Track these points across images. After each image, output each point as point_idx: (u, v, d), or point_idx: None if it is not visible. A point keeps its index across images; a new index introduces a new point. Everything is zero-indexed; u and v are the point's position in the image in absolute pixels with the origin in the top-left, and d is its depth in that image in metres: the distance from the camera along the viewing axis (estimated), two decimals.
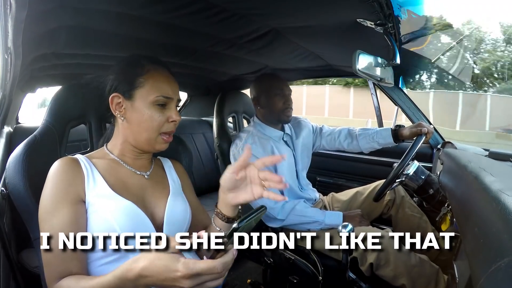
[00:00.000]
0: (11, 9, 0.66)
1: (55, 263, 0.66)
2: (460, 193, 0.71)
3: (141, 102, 0.77)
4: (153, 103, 0.77)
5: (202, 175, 2.38)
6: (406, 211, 1.44)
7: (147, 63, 0.80)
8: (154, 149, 0.82)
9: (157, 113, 0.78)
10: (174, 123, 0.81)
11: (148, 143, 0.80)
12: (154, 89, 0.77)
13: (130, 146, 0.82)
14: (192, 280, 0.52)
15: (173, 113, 0.80)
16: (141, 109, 0.77)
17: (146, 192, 0.81)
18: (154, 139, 0.80)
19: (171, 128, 0.81)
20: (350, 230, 1.03)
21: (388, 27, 0.98)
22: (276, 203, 1.37)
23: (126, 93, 0.78)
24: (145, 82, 0.78)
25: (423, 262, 1.15)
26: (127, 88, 0.78)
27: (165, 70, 0.82)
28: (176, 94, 0.81)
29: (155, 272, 0.53)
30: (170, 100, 0.79)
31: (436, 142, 1.75)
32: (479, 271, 0.40)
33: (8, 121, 1.44)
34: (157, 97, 0.77)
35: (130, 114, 0.79)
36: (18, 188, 0.78)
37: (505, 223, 0.38)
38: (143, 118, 0.77)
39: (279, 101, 1.47)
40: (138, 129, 0.79)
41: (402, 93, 1.80)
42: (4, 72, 0.98)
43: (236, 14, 1.05)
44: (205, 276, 0.52)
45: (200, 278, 0.52)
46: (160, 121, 0.78)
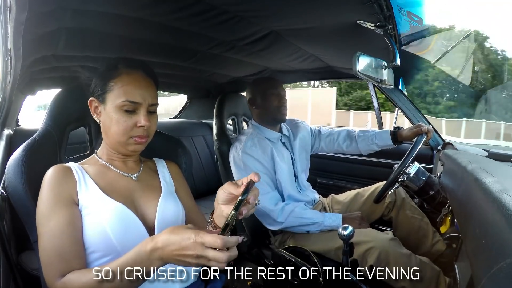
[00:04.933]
0: (11, 11, 0.67)
1: (56, 262, 0.66)
2: (460, 194, 0.71)
3: (110, 106, 0.78)
4: (120, 108, 0.77)
5: (202, 177, 2.37)
6: (407, 212, 1.44)
7: (122, 66, 0.79)
8: (127, 150, 0.82)
9: (123, 117, 0.77)
10: (142, 128, 0.79)
11: (120, 145, 0.81)
12: (121, 93, 0.77)
13: (110, 149, 0.84)
14: (198, 248, 0.56)
15: (141, 118, 0.78)
16: (110, 113, 0.78)
17: (135, 194, 0.82)
18: (125, 142, 0.79)
19: (140, 133, 0.79)
20: (350, 232, 1.03)
21: (388, 29, 0.99)
22: (275, 206, 1.37)
23: (99, 97, 0.79)
24: (114, 86, 0.78)
25: (424, 264, 1.14)
26: (100, 92, 0.79)
27: (138, 73, 0.80)
28: (145, 100, 0.78)
29: (171, 242, 0.58)
30: (138, 105, 0.78)
31: (436, 143, 1.74)
32: (481, 272, 0.40)
33: (8, 123, 1.44)
34: (123, 102, 0.76)
35: (104, 117, 0.80)
36: (17, 190, 0.78)
37: (506, 224, 0.38)
38: (112, 122, 0.78)
39: (274, 100, 1.48)
40: (109, 133, 0.79)
41: (402, 94, 1.80)
42: (4, 74, 0.98)
43: (236, 16, 1.05)
44: (209, 251, 0.56)
45: (204, 250, 0.56)
46: (127, 125, 0.77)
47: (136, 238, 0.73)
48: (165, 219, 0.81)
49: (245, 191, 0.58)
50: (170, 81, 2.16)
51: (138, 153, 0.87)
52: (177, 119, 2.81)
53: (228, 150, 1.53)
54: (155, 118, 0.83)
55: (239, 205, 0.57)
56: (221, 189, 0.65)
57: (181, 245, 0.56)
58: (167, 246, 0.58)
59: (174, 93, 2.68)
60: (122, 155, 0.85)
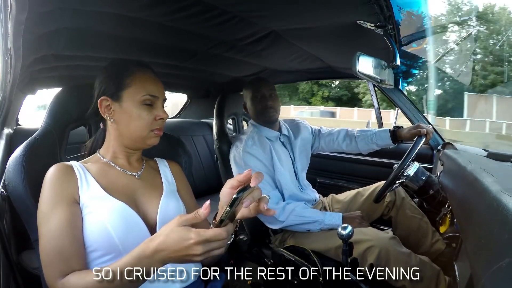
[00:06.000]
0: (11, 10, 0.67)
1: (56, 262, 0.66)
2: (460, 194, 0.71)
3: (129, 102, 0.80)
4: (141, 103, 0.80)
5: (202, 176, 2.38)
6: (407, 212, 1.44)
7: (131, 65, 0.83)
8: (146, 144, 0.85)
9: (144, 111, 0.80)
10: (162, 120, 0.83)
11: (140, 139, 0.83)
12: (141, 89, 0.80)
13: (121, 147, 0.85)
14: (203, 246, 0.56)
15: (160, 111, 0.83)
16: (129, 109, 0.80)
17: (137, 192, 0.83)
18: (146, 136, 0.83)
19: (159, 125, 0.84)
20: (350, 232, 1.03)
21: (388, 29, 0.99)
22: (277, 204, 1.37)
23: (113, 95, 0.81)
24: (131, 83, 0.80)
25: (424, 263, 1.14)
26: (114, 90, 0.80)
27: (149, 71, 0.84)
28: (161, 94, 0.84)
29: (171, 244, 0.57)
30: (157, 99, 0.82)
31: (436, 143, 1.75)
32: (480, 271, 0.40)
33: (8, 122, 1.44)
34: (144, 96, 0.80)
35: (119, 115, 0.81)
36: (18, 189, 0.79)
37: (506, 223, 0.38)
38: (132, 118, 0.80)
39: (258, 103, 1.50)
40: (128, 129, 0.81)
41: (402, 94, 1.80)
42: (4, 74, 0.98)
43: (236, 17, 1.05)
44: (213, 243, 0.57)
45: (209, 244, 0.56)
46: (148, 119, 0.81)
47: (138, 237, 0.73)
48: (166, 218, 0.81)
49: (241, 189, 0.58)
50: (170, 80, 2.16)
51: (151, 146, 0.88)
52: (177, 118, 2.81)
53: (228, 149, 1.53)
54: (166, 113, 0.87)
55: (234, 202, 0.57)
56: (222, 190, 0.66)
57: (182, 245, 0.56)
58: (168, 247, 0.57)
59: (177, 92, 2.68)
60: (133, 151, 0.87)
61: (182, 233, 0.57)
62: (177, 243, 0.57)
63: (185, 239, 0.56)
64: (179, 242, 0.57)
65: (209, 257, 0.58)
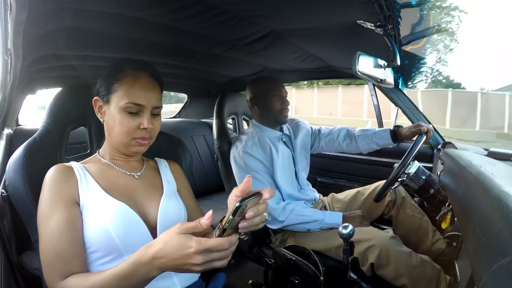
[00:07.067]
0: (11, 10, 0.67)
1: (56, 263, 0.66)
2: (461, 193, 0.71)
3: (114, 107, 0.78)
4: (124, 109, 0.77)
5: (202, 176, 2.38)
6: (407, 211, 1.44)
7: (128, 68, 0.79)
8: (130, 151, 0.82)
9: (127, 119, 0.77)
10: (146, 130, 0.79)
11: (123, 146, 0.81)
12: (126, 95, 0.77)
13: (114, 149, 0.84)
14: (203, 255, 0.54)
15: (145, 120, 0.78)
16: (114, 114, 0.78)
17: (138, 193, 0.82)
18: (127, 143, 0.80)
19: (143, 135, 0.80)
20: (350, 231, 1.03)
21: (388, 29, 0.99)
22: (277, 204, 1.37)
23: (104, 97, 0.80)
24: (119, 88, 0.78)
25: (424, 263, 1.14)
26: (105, 92, 0.79)
27: (144, 76, 0.80)
28: (149, 102, 0.78)
29: (170, 252, 0.55)
30: (142, 107, 0.78)
31: (436, 142, 1.74)
32: (481, 270, 0.40)
33: (8, 123, 1.44)
34: (127, 104, 0.76)
35: (108, 117, 0.80)
36: (18, 190, 0.79)
37: (506, 222, 0.38)
38: (115, 123, 0.78)
39: (277, 102, 1.48)
40: (113, 133, 0.80)
41: (401, 93, 1.80)
42: (4, 74, 0.98)
43: (236, 16, 1.05)
44: (214, 253, 0.55)
45: (210, 254, 0.54)
46: (130, 127, 0.78)
47: (138, 238, 0.73)
48: (167, 218, 0.81)
49: (244, 198, 0.55)
50: (170, 80, 2.16)
51: (140, 154, 0.87)
52: (177, 118, 2.81)
53: (228, 149, 1.53)
54: (158, 120, 0.83)
55: (237, 211, 0.54)
56: (229, 197, 0.63)
57: (182, 254, 0.54)
58: (167, 255, 0.56)
59: (177, 92, 2.67)
60: (124, 155, 0.85)
61: (182, 241, 0.55)
62: (176, 251, 0.55)
63: (185, 247, 0.54)
64: (178, 250, 0.55)
65: (209, 268, 0.56)
